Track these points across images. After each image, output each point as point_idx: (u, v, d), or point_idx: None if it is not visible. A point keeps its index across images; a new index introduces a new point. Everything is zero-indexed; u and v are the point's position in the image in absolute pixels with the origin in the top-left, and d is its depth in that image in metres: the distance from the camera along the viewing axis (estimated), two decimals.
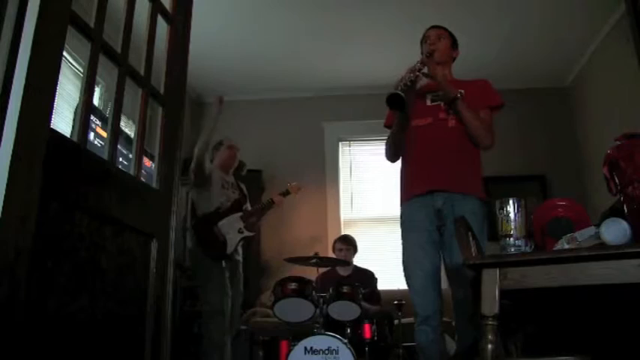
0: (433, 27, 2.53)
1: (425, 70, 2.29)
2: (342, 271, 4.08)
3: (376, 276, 4.10)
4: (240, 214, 3.53)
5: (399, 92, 2.10)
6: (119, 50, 1.55)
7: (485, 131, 2.30)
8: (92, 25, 1.42)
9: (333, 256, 4.14)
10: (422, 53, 2.46)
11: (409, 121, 2.38)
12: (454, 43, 2.52)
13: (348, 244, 4.12)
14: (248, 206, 3.68)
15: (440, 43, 2.45)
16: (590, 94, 4.85)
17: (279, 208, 3.82)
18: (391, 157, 2.51)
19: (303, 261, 3.49)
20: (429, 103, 2.43)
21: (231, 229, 3.44)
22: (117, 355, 1.45)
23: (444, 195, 2.27)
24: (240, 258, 3.54)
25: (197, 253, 3.36)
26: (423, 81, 2.34)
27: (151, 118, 1.78)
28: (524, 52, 4.66)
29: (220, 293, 3.26)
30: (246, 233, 3.52)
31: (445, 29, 2.52)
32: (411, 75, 2.19)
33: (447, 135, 2.33)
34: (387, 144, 2.50)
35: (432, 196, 2.29)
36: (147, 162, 2.48)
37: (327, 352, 2.84)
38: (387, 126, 2.55)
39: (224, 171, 3.64)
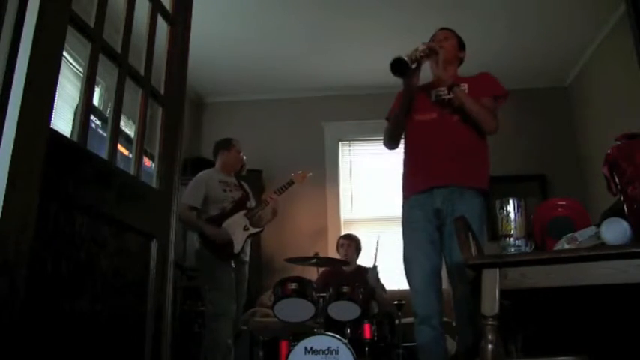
0: (441, 29, 2.59)
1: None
2: (346, 268, 4.07)
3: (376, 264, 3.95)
4: (244, 211, 3.51)
5: (404, 57, 2.18)
6: (119, 50, 1.55)
7: (487, 115, 2.32)
8: (92, 25, 1.42)
9: (334, 256, 4.15)
10: None
11: (412, 101, 2.42)
12: (461, 45, 2.57)
13: (350, 239, 4.16)
14: (252, 203, 3.67)
15: (446, 43, 2.49)
16: (590, 94, 4.84)
17: (271, 206, 3.73)
18: (389, 142, 2.55)
19: (303, 261, 3.49)
20: (433, 99, 2.46)
21: (237, 228, 3.43)
22: (117, 355, 1.45)
23: (443, 192, 2.28)
24: (247, 259, 3.53)
25: (204, 254, 3.34)
26: (431, 78, 2.38)
27: (151, 118, 1.78)
28: (524, 52, 4.66)
29: (226, 295, 3.25)
30: (252, 230, 3.49)
31: (452, 31, 2.58)
32: (424, 49, 2.27)
33: (451, 130, 2.35)
34: (385, 129, 2.55)
35: (431, 194, 2.30)
36: (147, 162, 2.48)
37: (327, 352, 2.84)
38: (388, 118, 2.58)
39: (226, 172, 3.63)
